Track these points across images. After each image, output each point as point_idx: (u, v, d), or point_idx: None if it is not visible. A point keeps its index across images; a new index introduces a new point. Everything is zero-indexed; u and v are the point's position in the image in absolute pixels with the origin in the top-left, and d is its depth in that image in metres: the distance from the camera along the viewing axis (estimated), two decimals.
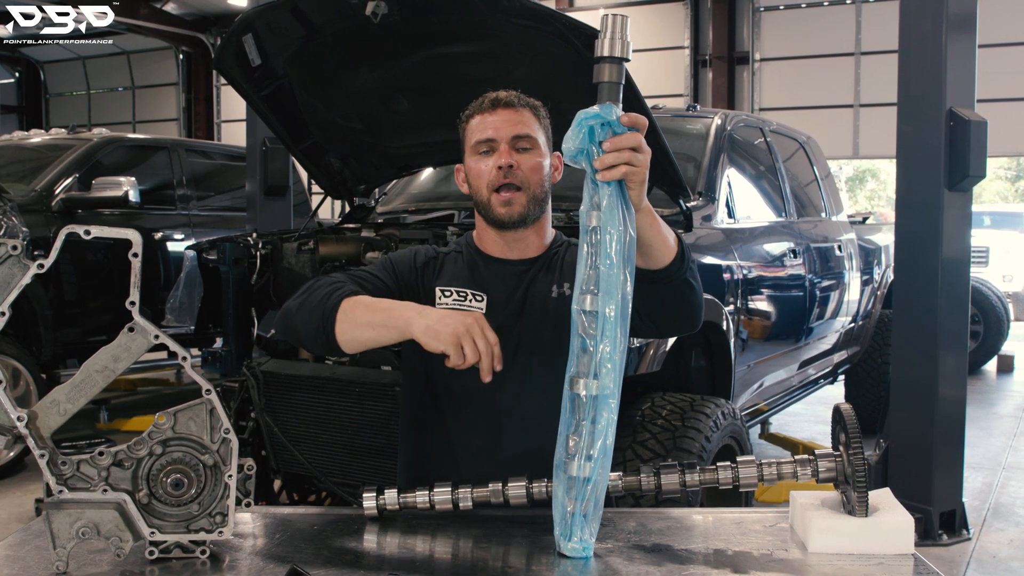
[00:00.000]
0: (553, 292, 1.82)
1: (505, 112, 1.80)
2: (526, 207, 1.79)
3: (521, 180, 1.78)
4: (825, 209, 5.38)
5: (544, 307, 1.81)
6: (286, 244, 3.57)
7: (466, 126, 1.85)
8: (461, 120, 1.87)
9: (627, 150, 1.39)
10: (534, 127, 1.81)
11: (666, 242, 1.58)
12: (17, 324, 5.10)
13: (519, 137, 1.79)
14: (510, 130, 1.79)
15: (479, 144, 1.80)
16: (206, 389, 1.39)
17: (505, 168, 1.77)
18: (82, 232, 1.33)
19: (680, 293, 1.65)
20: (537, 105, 1.85)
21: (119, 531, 1.36)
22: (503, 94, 1.82)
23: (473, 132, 1.82)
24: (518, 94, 1.84)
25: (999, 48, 11.78)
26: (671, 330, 1.92)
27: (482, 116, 1.81)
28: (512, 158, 1.78)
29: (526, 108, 1.82)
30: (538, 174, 1.80)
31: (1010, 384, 8.43)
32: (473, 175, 1.82)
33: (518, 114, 1.80)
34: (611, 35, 1.40)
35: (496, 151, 1.79)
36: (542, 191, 1.81)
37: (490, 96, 1.82)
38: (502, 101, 1.81)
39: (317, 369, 3.11)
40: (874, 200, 30.01)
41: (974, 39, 3.94)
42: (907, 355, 4.04)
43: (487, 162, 1.79)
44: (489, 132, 1.79)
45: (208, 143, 11.63)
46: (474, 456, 1.80)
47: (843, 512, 1.50)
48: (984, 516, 4.41)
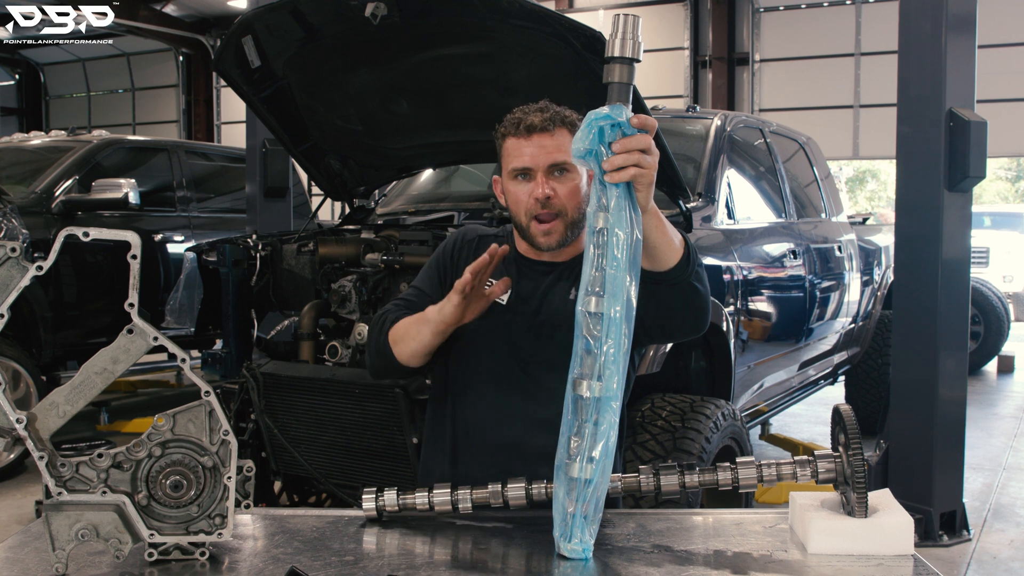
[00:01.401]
0: (571, 294, 1.84)
1: (540, 138, 1.76)
2: (564, 234, 1.80)
3: (559, 208, 1.78)
4: (825, 210, 5.37)
5: (562, 308, 1.82)
6: (286, 246, 3.57)
7: (502, 144, 1.83)
8: (496, 134, 1.84)
9: (636, 152, 1.39)
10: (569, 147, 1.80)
11: (671, 244, 1.58)
12: (17, 326, 5.11)
13: (555, 164, 1.77)
14: (546, 159, 1.76)
15: (516, 170, 1.79)
16: (205, 391, 1.39)
17: (542, 200, 1.76)
18: (81, 234, 1.33)
19: (685, 295, 1.65)
20: (573, 120, 1.80)
21: (118, 533, 1.36)
22: (536, 119, 1.77)
23: (509, 156, 1.81)
24: (551, 114, 1.78)
25: (999, 49, 11.78)
26: (677, 333, 1.93)
27: (517, 140, 1.78)
28: (549, 186, 1.76)
29: (562, 127, 1.78)
30: (575, 198, 1.79)
31: (1010, 385, 8.43)
32: (511, 199, 1.83)
33: (553, 139, 1.76)
34: (622, 35, 1.39)
35: (533, 179, 1.78)
36: (579, 213, 1.81)
37: (524, 120, 1.78)
38: (537, 127, 1.76)
39: (317, 371, 3.11)
40: (874, 201, 30.02)
41: (974, 40, 3.94)
42: (907, 356, 4.04)
43: (524, 188, 1.79)
44: (526, 160, 1.77)
45: (208, 145, 11.61)
46: (490, 452, 1.83)
47: (843, 513, 1.50)
48: (984, 517, 4.41)
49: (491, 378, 1.85)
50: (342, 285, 3.25)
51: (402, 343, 1.80)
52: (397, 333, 1.82)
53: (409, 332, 1.79)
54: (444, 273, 1.93)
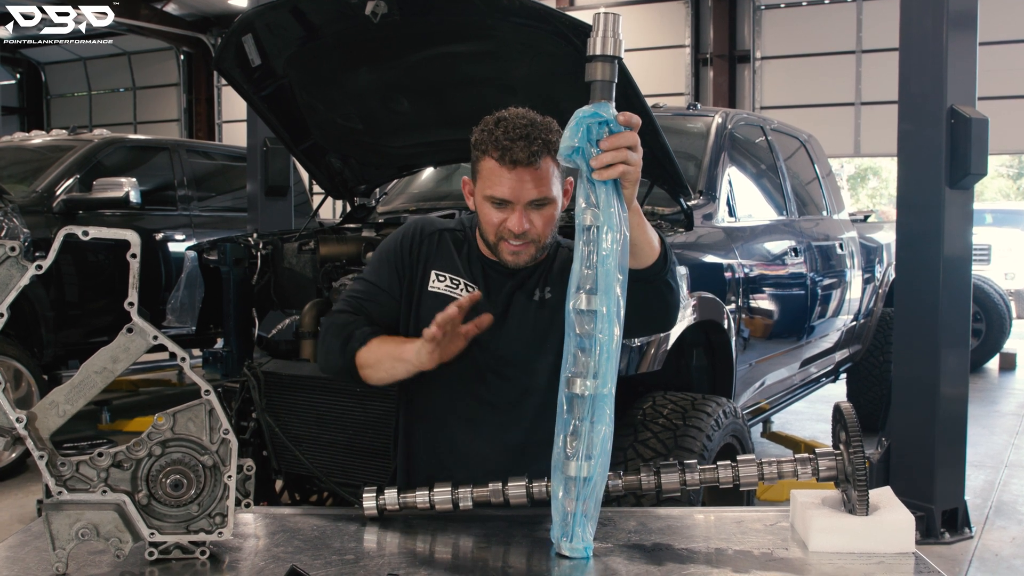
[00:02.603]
0: (535, 296, 1.84)
1: (524, 172, 1.68)
2: (533, 256, 1.79)
3: (533, 237, 1.75)
4: (826, 207, 5.37)
5: (525, 311, 1.83)
6: (287, 244, 3.57)
7: (480, 159, 1.74)
8: (474, 144, 1.76)
9: (624, 149, 1.40)
10: (551, 180, 1.72)
11: (651, 242, 1.61)
12: (18, 325, 5.11)
13: (535, 200, 1.72)
14: (527, 195, 1.70)
15: (493, 199, 1.73)
16: (205, 390, 1.39)
17: (519, 233, 1.73)
18: (80, 233, 1.33)
19: (659, 292, 1.68)
20: (553, 140, 1.68)
21: (118, 532, 1.36)
22: (522, 154, 1.67)
23: (487, 179, 1.72)
24: (538, 143, 1.68)
25: (1000, 45, 11.77)
26: (646, 330, 1.92)
27: (498, 168, 1.70)
28: (527, 219, 1.72)
29: (546, 156, 1.69)
30: (550, 225, 1.76)
31: (1012, 382, 8.42)
32: (483, 216, 1.77)
33: (537, 173, 1.69)
34: (603, 33, 1.40)
35: (512, 210, 1.72)
36: (551, 238, 1.80)
37: (510, 152, 1.67)
38: (521, 161, 1.67)
39: (318, 369, 3.10)
40: (875, 198, 29.99)
41: (975, 36, 3.94)
42: (909, 353, 4.03)
43: (499, 214, 1.74)
44: (505, 192, 1.70)
45: (209, 144, 11.63)
46: (452, 451, 1.84)
47: (844, 511, 1.49)
48: (986, 514, 4.41)
49: (456, 381, 1.83)
50: (343, 283, 3.25)
51: (372, 371, 1.77)
52: (367, 359, 1.77)
53: (382, 364, 1.75)
54: (403, 268, 1.87)
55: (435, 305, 1.76)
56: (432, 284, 1.84)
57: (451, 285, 1.83)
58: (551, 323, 1.79)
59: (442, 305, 1.69)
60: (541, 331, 1.82)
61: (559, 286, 1.81)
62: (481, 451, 1.82)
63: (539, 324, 1.82)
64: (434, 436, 1.86)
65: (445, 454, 1.85)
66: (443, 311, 1.60)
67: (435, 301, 1.81)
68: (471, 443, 1.83)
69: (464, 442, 1.84)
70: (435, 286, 1.84)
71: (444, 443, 1.86)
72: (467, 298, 1.64)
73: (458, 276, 1.84)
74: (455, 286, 1.83)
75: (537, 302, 1.83)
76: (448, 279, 1.84)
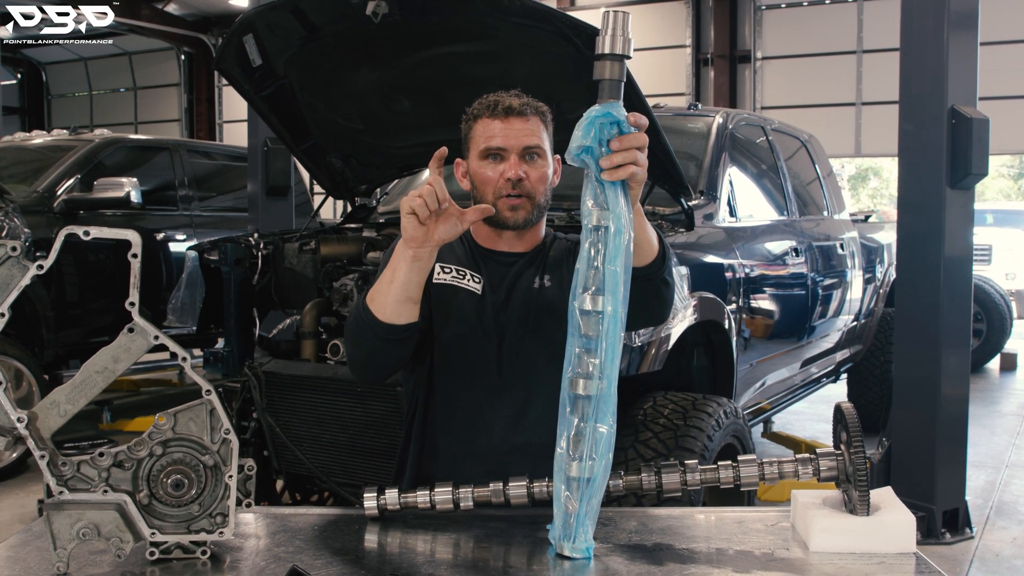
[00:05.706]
0: (535, 283, 1.87)
1: (516, 121, 1.79)
2: (531, 213, 1.83)
3: (528, 190, 1.80)
4: (827, 207, 5.37)
5: (527, 298, 1.85)
6: (288, 244, 3.57)
7: (473, 125, 1.83)
8: (466, 116, 1.85)
9: (634, 150, 1.40)
10: (542, 135, 1.82)
11: (651, 241, 1.65)
12: (19, 325, 5.11)
13: (529, 147, 1.80)
14: (521, 141, 1.79)
15: (488, 150, 1.80)
16: (206, 390, 1.39)
17: (515, 180, 1.78)
18: (81, 233, 1.33)
19: (656, 289, 1.72)
20: (544, 110, 1.84)
21: (120, 532, 1.36)
22: (515, 102, 1.79)
23: (480, 136, 1.81)
24: (527, 100, 1.82)
25: (1001, 46, 11.77)
26: (638, 323, 1.94)
27: (491, 121, 1.79)
28: (521, 169, 1.78)
29: (535, 115, 1.81)
30: (544, 183, 1.83)
31: (1013, 382, 8.42)
32: (479, 180, 1.82)
33: (528, 123, 1.79)
34: (612, 31, 1.39)
35: (505, 160, 1.79)
36: (546, 199, 1.85)
37: (502, 102, 1.80)
38: (514, 109, 1.78)
39: (319, 369, 3.11)
40: (876, 198, 29.98)
41: (976, 36, 3.94)
42: (909, 353, 4.03)
43: (495, 169, 1.80)
44: (499, 141, 1.79)
45: (210, 144, 11.63)
46: (460, 443, 1.84)
47: (845, 511, 1.49)
48: (987, 514, 4.40)
49: (469, 373, 1.84)
50: (344, 283, 3.25)
51: (381, 298, 1.66)
52: (373, 295, 1.68)
53: (383, 279, 1.67)
54: None
55: (444, 295, 1.83)
56: (438, 276, 1.86)
57: (458, 275, 1.86)
58: (549, 310, 1.82)
59: (450, 294, 1.81)
60: (544, 316, 1.84)
61: (556, 273, 1.87)
62: (493, 434, 1.83)
63: (541, 309, 1.85)
64: (453, 429, 1.86)
65: (457, 438, 1.85)
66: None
67: (444, 291, 1.84)
68: (487, 438, 1.83)
69: (480, 437, 1.83)
70: (442, 277, 1.86)
71: (454, 429, 1.85)
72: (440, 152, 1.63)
73: (463, 267, 1.88)
74: (461, 276, 1.87)
75: (537, 289, 1.87)
76: (454, 270, 1.87)
